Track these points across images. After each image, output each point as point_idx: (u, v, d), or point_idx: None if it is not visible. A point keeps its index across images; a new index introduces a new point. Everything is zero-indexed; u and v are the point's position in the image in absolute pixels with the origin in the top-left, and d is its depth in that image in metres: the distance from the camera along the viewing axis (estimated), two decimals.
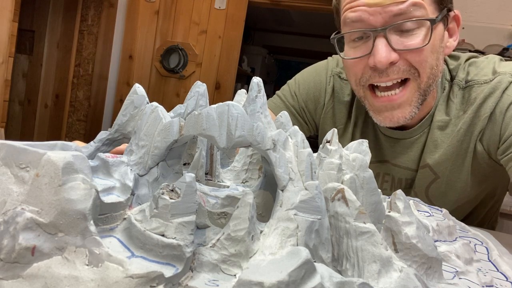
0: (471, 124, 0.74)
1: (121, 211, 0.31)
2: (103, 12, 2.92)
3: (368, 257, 0.31)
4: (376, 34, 0.67)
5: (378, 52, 0.67)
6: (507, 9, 2.34)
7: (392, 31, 0.67)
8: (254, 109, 0.37)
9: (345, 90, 0.88)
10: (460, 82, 0.76)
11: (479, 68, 0.76)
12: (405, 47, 0.67)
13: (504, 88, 0.71)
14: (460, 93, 0.76)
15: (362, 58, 0.70)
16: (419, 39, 0.67)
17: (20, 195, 0.26)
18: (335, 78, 0.90)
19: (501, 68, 0.74)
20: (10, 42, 2.00)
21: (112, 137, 0.41)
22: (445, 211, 0.59)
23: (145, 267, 0.25)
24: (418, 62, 0.68)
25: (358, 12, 0.68)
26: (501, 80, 0.71)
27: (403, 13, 0.65)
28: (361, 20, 0.68)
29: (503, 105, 0.70)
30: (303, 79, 0.94)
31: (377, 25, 0.67)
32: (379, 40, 0.67)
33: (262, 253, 0.29)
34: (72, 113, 3.02)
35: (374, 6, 0.66)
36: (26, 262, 0.25)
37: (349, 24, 0.70)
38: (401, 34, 0.67)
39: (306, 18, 4.36)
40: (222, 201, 0.36)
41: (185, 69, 2.84)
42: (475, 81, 0.75)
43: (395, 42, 0.67)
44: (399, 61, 0.68)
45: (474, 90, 0.74)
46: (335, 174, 0.38)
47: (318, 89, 0.91)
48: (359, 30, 0.69)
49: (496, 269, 0.45)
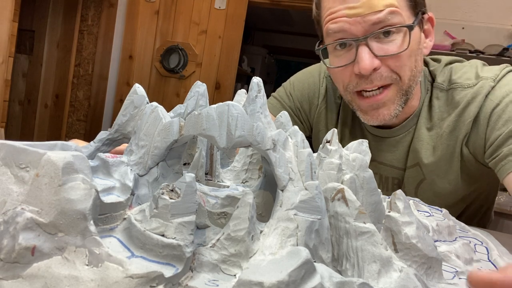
0: (455, 128, 0.77)
1: (121, 211, 0.31)
2: (103, 12, 2.92)
3: (368, 257, 0.31)
4: (358, 43, 0.71)
5: (362, 60, 0.71)
6: (507, 9, 2.34)
7: (373, 38, 0.71)
8: (254, 109, 0.37)
9: (336, 91, 0.92)
10: (441, 84, 0.80)
11: (462, 72, 0.79)
12: (386, 52, 0.71)
13: (487, 93, 0.74)
14: (443, 95, 0.80)
15: (347, 66, 0.75)
16: (398, 44, 0.71)
17: (20, 195, 0.26)
18: (327, 79, 0.95)
19: (484, 73, 0.77)
20: (10, 42, 2.00)
21: (112, 137, 0.41)
22: (445, 211, 0.59)
23: (145, 267, 0.25)
24: (398, 67, 0.72)
25: (339, 23, 0.72)
26: (484, 85, 0.75)
27: (381, 21, 0.69)
28: (343, 30, 0.72)
29: (486, 110, 0.73)
30: (297, 80, 0.98)
31: (358, 34, 0.71)
32: (362, 48, 0.71)
33: (262, 253, 0.29)
34: (72, 113, 3.02)
35: (354, 16, 0.70)
36: (26, 262, 0.25)
37: (331, 35, 0.74)
38: (381, 40, 0.71)
39: (306, 18, 4.35)
40: (222, 201, 0.36)
41: (185, 69, 2.84)
42: (459, 84, 0.78)
43: (376, 49, 0.71)
44: (381, 67, 0.72)
45: (457, 93, 0.78)
46: (335, 174, 0.38)
47: (312, 90, 0.95)
48: (342, 40, 0.73)
49: (496, 269, 0.45)
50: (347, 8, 0.70)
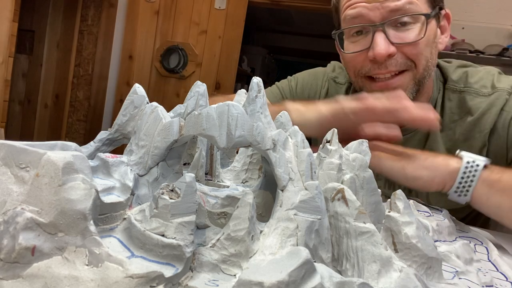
0: (470, 137, 0.77)
1: (121, 211, 0.31)
2: (103, 12, 2.92)
3: (368, 257, 0.31)
4: (375, 29, 0.72)
5: (377, 45, 0.71)
6: (507, 9, 2.34)
7: (390, 25, 0.72)
8: (254, 109, 0.37)
9: (339, 93, 0.93)
10: (454, 86, 0.80)
11: (478, 77, 0.79)
12: (402, 40, 0.72)
13: (502, 105, 0.74)
14: (455, 96, 0.80)
15: (362, 52, 0.75)
16: (415, 33, 0.72)
17: (20, 195, 0.26)
18: (330, 82, 0.95)
19: (500, 84, 0.77)
20: (10, 42, 1.99)
21: (112, 137, 0.41)
22: (445, 211, 0.59)
23: (145, 267, 0.25)
24: (414, 54, 0.73)
25: (357, 8, 0.73)
26: (499, 97, 0.75)
27: (399, 9, 0.70)
28: (360, 16, 0.73)
29: (504, 121, 0.74)
30: (302, 78, 0.99)
31: (375, 20, 0.72)
32: (378, 34, 0.71)
33: (262, 253, 0.29)
34: (72, 113, 3.02)
35: (373, 2, 0.71)
36: (26, 262, 0.25)
37: (349, 21, 0.75)
38: (398, 28, 0.72)
39: (306, 18, 4.36)
40: (222, 201, 0.36)
41: (185, 69, 2.84)
42: (474, 89, 0.78)
43: (393, 36, 0.72)
44: (396, 54, 0.72)
45: (471, 98, 0.77)
46: (335, 174, 0.38)
47: (314, 91, 0.96)
48: (359, 25, 0.74)
49: (496, 269, 0.45)
50: None
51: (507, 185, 0.55)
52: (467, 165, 0.57)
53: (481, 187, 0.56)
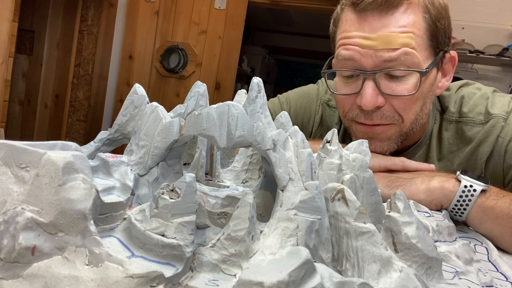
0: (468, 166, 0.77)
1: (121, 211, 0.31)
2: (103, 12, 2.92)
3: (368, 257, 0.31)
4: (365, 76, 0.68)
5: (365, 96, 0.68)
6: (507, 9, 2.34)
7: (382, 75, 0.68)
8: (254, 109, 0.37)
9: (333, 117, 0.91)
10: (451, 117, 0.79)
11: (472, 104, 0.78)
12: (393, 92, 0.68)
13: (498, 133, 0.74)
14: (452, 126, 0.78)
15: (351, 95, 0.72)
16: (408, 86, 0.68)
17: (20, 195, 0.26)
18: (323, 106, 0.93)
19: (494, 109, 0.75)
20: (10, 42, 1.99)
21: (112, 137, 0.41)
22: (444, 211, 0.59)
23: (145, 267, 0.25)
24: (403, 109, 0.70)
25: (350, 51, 0.69)
26: (495, 124, 0.74)
27: (393, 60, 0.66)
28: (352, 59, 0.69)
29: (500, 147, 0.74)
30: (294, 101, 0.95)
31: (367, 67, 0.68)
32: (368, 82, 0.68)
33: (262, 253, 0.29)
34: (72, 113, 3.02)
35: (367, 48, 0.67)
36: (26, 262, 0.25)
37: (341, 61, 0.72)
38: (390, 79, 0.69)
39: (306, 18, 4.36)
40: (222, 201, 0.36)
41: (185, 69, 2.84)
42: (470, 118, 0.77)
43: (383, 87, 0.68)
44: (385, 105, 0.70)
45: (468, 129, 0.76)
46: (335, 174, 0.38)
47: (308, 117, 0.93)
48: (350, 70, 0.71)
49: (496, 269, 0.46)
50: (361, 37, 0.67)
51: (500, 213, 0.56)
52: (464, 189, 0.58)
53: (476, 211, 0.57)
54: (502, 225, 0.56)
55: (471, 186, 0.58)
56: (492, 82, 2.43)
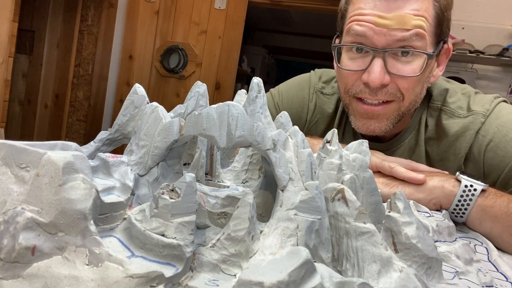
0: (445, 158, 0.78)
1: (121, 211, 0.31)
2: (103, 12, 2.92)
3: (368, 257, 0.31)
4: (375, 54, 0.70)
5: (373, 72, 0.70)
6: (507, 9, 2.34)
7: (391, 54, 0.70)
8: (254, 109, 0.37)
9: (328, 104, 0.92)
10: (436, 105, 0.81)
11: (456, 97, 0.80)
12: (399, 72, 0.71)
13: (477, 129, 0.75)
14: (436, 114, 0.81)
15: (357, 72, 0.74)
16: (413, 68, 0.71)
17: (20, 195, 0.26)
18: (317, 94, 0.93)
19: (475, 106, 0.77)
20: (10, 42, 1.99)
21: (112, 137, 0.41)
22: (444, 211, 0.59)
23: (145, 267, 0.25)
24: (406, 88, 0.72)
25: (364, 27, 0.71)
26: (474, 121, 0.76)
27: (405, 40, 0.68)
28: (365, 36, 0.71)
29: (480, 146, 0.75)
30: (286, 93, 0.96)
31: (378, 45, 0.70)
32: (377, 60, 0.70)
33: (262, 253, 0.29)
34: (72, 113, 3.02)
35: (381, 27, 0.69)
36: (26, 261, 0.25)
37: (352, 36, 0.73)
38: (398, 59, 0.71)
39: (306, 18, 4.36)
40: (222, 201, 0.36)
41: (185, 69, 2.84)
42: (450, 109, 0.79)
43: (390, 66, 0.70)
44: (390, 84, 0.72)
45: (446, 118, 0.78)
46: (335, 174, 0.38)
47: (301, 106, 0.94)
48: (361, 45, 0.72)
49: (496, 269, 0.46)
50: (376, 16, 0.69)
51: (498, 212, 0.57)
52: (464, 189, 0.58)
53: (476, 211, 0.58)
54: (501, 223, 0.56)
55: (472, 186, 0.58)
56: (492, 82, 2.43)
